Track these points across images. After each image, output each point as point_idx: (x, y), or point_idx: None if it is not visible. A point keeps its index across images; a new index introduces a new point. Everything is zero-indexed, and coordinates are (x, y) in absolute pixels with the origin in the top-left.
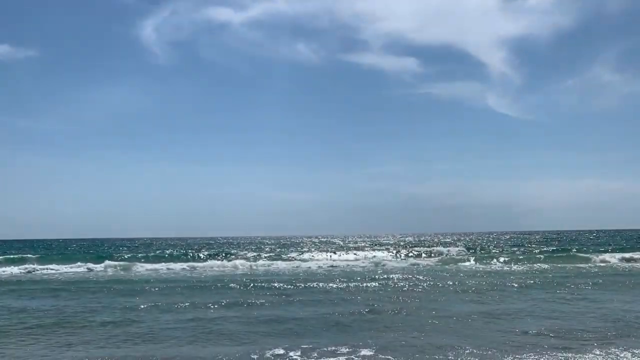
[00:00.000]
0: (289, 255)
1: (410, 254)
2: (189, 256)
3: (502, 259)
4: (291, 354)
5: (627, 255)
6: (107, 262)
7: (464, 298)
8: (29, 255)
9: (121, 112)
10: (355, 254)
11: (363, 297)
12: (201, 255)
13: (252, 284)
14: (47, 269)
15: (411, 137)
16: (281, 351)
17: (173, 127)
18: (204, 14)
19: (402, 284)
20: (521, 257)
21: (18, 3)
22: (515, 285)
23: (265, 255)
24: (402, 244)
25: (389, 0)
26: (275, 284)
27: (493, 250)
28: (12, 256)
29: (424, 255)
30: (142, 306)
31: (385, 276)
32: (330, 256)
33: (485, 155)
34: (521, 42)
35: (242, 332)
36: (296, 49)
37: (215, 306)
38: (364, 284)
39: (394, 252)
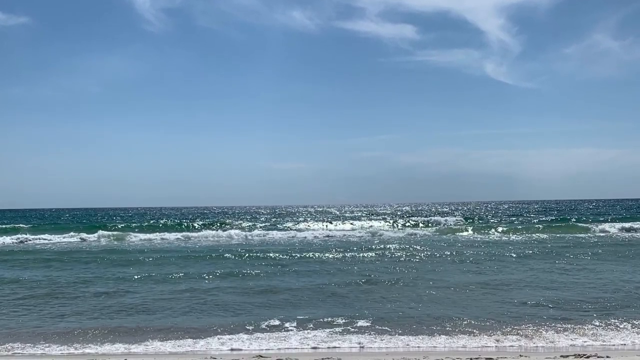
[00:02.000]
0: (284, 225)
1: (408, 224)
2: (183, 226)
3: (500, 229)
4: (287, 325)
5: (627, 225)
6: (101, 231)
7: (461, 268)
8: (21, 225)
9: (115, 80)
10: (351, 223)
11: (359, 268)
12: (196, 225)
13: (247, 254)
14: (39, 239)
15: (408, 105)
16: (277, 322)
17: (168, 95)
18: None
19: (399, 254)
20: (520, 226)
21: None
22: (514, 256)
23: (261, 225)
24: (399, 213)
25: None
26: (271, 254)
27: (491, 220)
28: (4, 226)
29: (421, 225)
30: (136, 277)
31: (382, 246)
32: (327, 226)
33: (483, 123)
34: (520, 9)
35: (237, 303)
36: (291, 16)
37: (210, 277)
38: (361, 254)
39: (391, 221)
